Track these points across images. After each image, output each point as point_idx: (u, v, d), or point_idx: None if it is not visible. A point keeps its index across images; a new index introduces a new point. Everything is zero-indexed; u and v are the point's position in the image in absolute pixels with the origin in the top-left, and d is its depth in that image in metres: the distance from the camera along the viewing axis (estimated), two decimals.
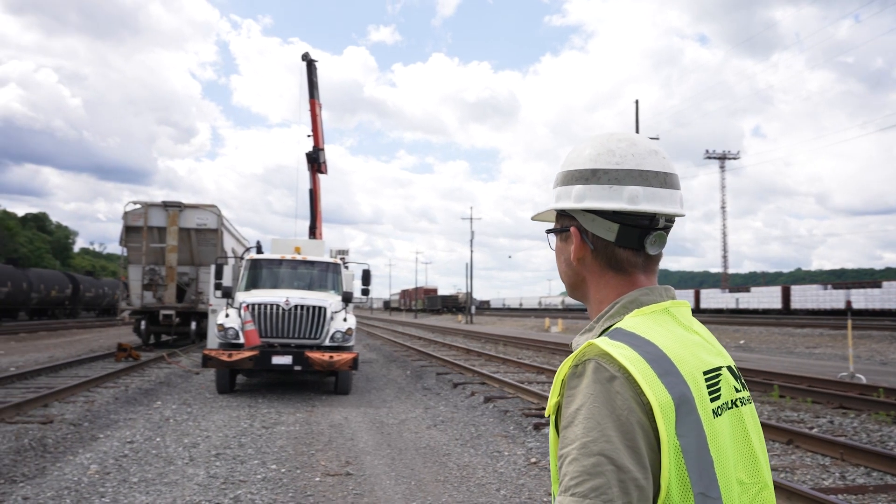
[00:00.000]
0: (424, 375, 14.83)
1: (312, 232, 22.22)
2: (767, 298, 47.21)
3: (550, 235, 1.25)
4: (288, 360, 10.87)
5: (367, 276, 13.75)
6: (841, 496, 5.53)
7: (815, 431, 8.05)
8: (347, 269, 14.88)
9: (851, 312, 36.07)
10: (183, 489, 5.74)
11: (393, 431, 8.53)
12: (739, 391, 1.11)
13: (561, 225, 1.21)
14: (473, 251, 66.33)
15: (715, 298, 52.90)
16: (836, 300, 41.01)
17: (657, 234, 1.13)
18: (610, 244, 1.14)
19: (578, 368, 1.00)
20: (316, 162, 22.12)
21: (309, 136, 22.11)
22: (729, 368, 1.12)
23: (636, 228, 1.13)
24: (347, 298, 12.44)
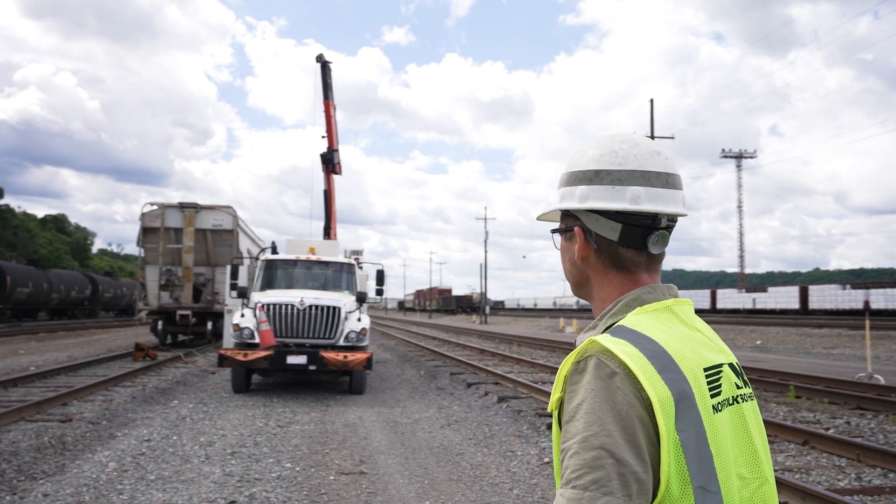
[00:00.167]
0: (438, 375, 14.86)
1: (327, 232, 22.33)
2: (785, 298, 46.77)
3: (555, 235, 1.28)
4: (303, 359, 10.94)
5: (381, 276, 13.82)
6: (856, 497, 5.49)
7: (831, 432, 7.99)
8: (361, 269, 14.95)
9: (870, 312, 35.63)
10: (199, 487, 5.81)
11: (406, 431, 8.57)
12: (741, 388, 1.13)
13: (565, 225, 1.24)
14: (488, 251, 66.39)
15: (731, 298, 52.48)
16: (854, 300, 40.55)
17: (659, 233, 1.15)
18: (613, 243, 1.16)
19: (580, 365, 1.03)
20: (330, 163, 22.22)
21: (323, 137, 22.23)
22: (731, 365, 1.14)
23: (639, 228, 1.15)
24: (361, 298, 12.50)
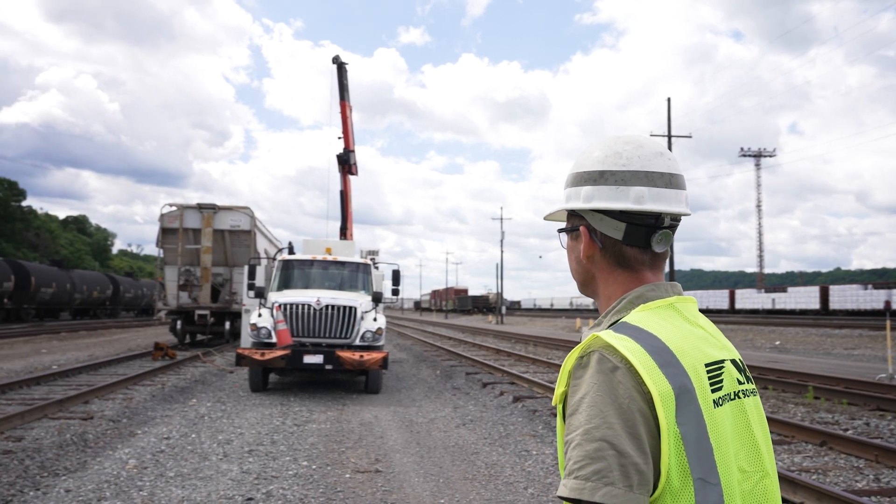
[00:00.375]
0: (454, 375, 14.89)
1: (343, 233, 22.43)
2: (805, 299, 46.28)
3: (562, 234, 1.31)
4: (319, 359, 11.03)
5: (396, 276, 13.88)
6: (874, 498, 5.44)
7: (849, 433, 7.91)
8: (377, 269, 15.02)
9: (892, 313, 35.14)
10: (217, 484, 5.89)
11: (422, 430, 8.61)
12: (743, 384, 1.15)
13: (571, 224, 1.27)
14: (504, 251, 66.28)
15: (750, 299, 52.00)
16: (876, 300, 40.02)
17: (663, 232, 1.18)
18: (617, 242, 1.19)
19: (583, 360, 1.06)
20: (346, 163, 22.32)
21: (339, 138, 22.33)
22: (733, 362, 1.16)
23: (643, 227, 1.17)
24: (377, 298, 12.56)
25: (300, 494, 5.64)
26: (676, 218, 1.20)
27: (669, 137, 32.51)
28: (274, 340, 11.23)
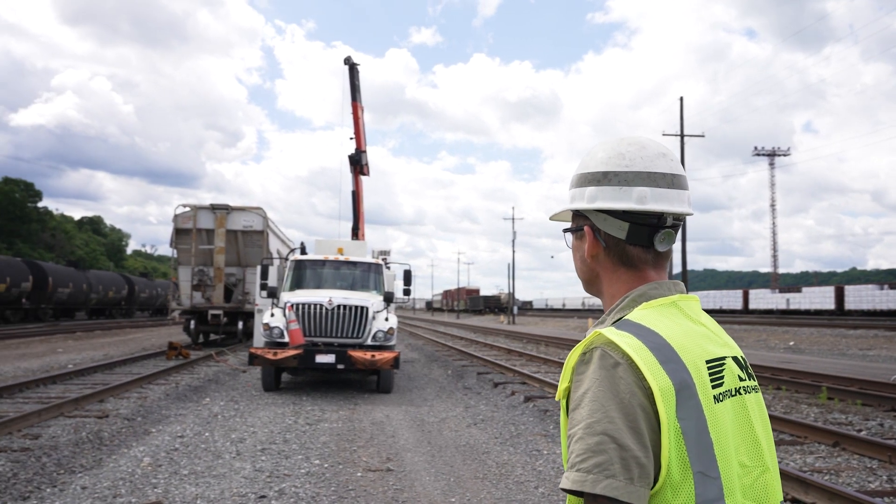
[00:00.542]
0: (465, 375, 14.92)
1: (355, 233, 22.51)
2: (819, 299, 45.89)
3: (567, 234, 1.33)
4: (331, 358, 11.09)
5: (408, 276, 13.92)
6: (887, 499, 5.41)
7: (863, 434, 7.86)
8: (389, 269, 15.07)
9: None
10: (230, 482, 5.95)
11: (433, 429, 8.64)
12: (744, 380, 1.17)
13: (576, 224, 1.29)
14: (515, 251, 66.22)
15: (764, 299, 51.64)
16: (893, 301, 39.60)
17: (666, 231, 1.20)
18: (621, 242, 1.22)
19: (586, 356, 1.09)
20: (358, 164, 22.40)
21: (351, 138, 22.41)
22: (735, 359, 1.18)
23: (645, 227, 1.20)
24: (389, 298, 12.61)
25: (312, 492, 5.68)
26: (679, 217, 1.22)
27: (682, 137, 32.34)
28: (286, 340, 11.30)
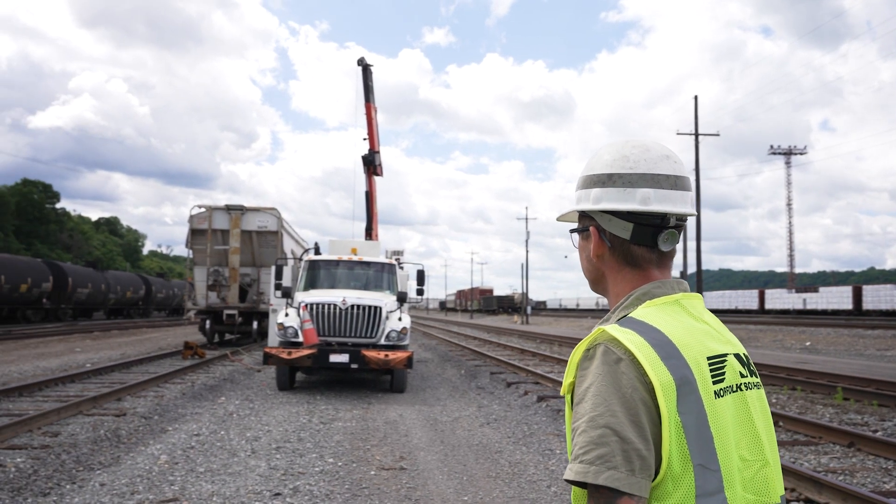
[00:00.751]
0: (478, 375, 14.95)
1: (368, 233, 22.61)
2: (837, 299, 45.46)
3: (574, 234, 1.37)
4: (345, 358, 11.16)
5: (421, 276, 13.97)
6: None
7: (878, 434, 7.81)
8: (402, 269, 15.13)
9: None
10: (246, 479, 6.02)
11: (446, 428, 8.68)
12: (746, 377, 1.20)
13: (582, 225, 1.33)
14: (529, 251, 66.09)
15: (780, 299, 51.22)
16: None
17: (669, 232, 1.24)
18: (626, 242, 1.25)
19: (590, 352, 1.12)
20: (372, 164, 22.50)
21: (365, 139, 22.51)
22: (737, 356, 1.21)
23: (649, 227, 1.23)
24: (402, 298, 12.67)
25: (326, 490, 5.74)
26: (682, 218, 1.26)
27: (696, 136, 32.15)
28: (300, 340, 11.39)
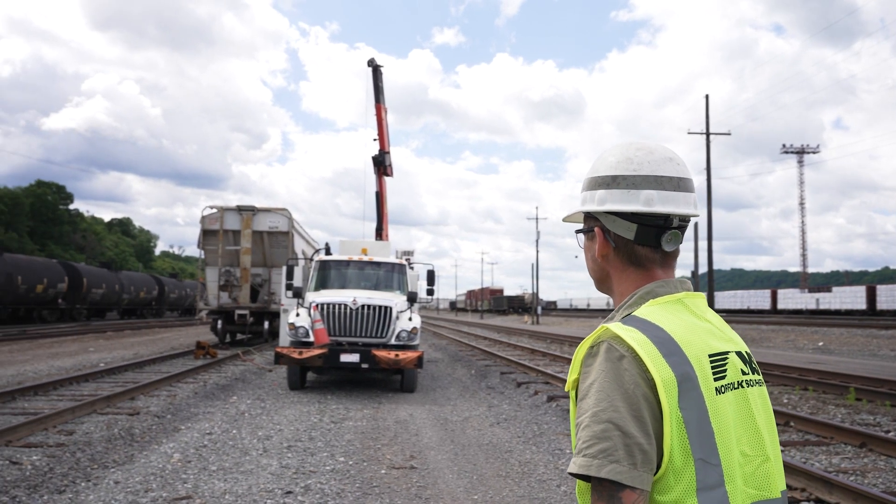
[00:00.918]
0: (489, 375, 14.97)
1: (379, 233, 22.68)
2: (851, 299, 45.08)
3: (579, 235, 1.40)
4: (355, 357, 11.21)
5: (431, 276, 14.00)
6: None
7: (891, 435, 7.76)
8: (413, 269, 15.18)
9: None
10: (258, 477, 6.08)
11: (456, 428, 8.71)
12: (747, 374, 1.22)
13: (587, 226, 1.36)
14: (539, 251, 66.03)
15: (793, 299, 50.87)
16: None
17: (672, 232, 1.26)
18: (630, 242, 1.28)
19: (594, 349, 1.15)
20: (382, 165, 22.57)
21: (375, 139, 22.59)
22: (738, 353, 1.23)
23: (653, 228, 1.26)
24: (412, 298, 12.71)
25: (337, 488, 5.79)
26: (685, 219, 1.28)
27: (708, 135, 32.02)
28: (311, 339, 11.45)
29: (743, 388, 1.20)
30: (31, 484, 5.67)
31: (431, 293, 14.00)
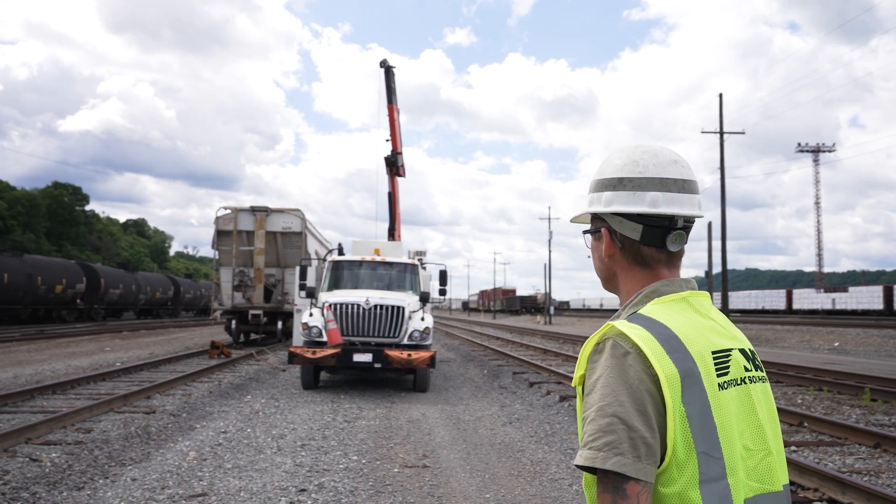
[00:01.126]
0: (501, 374, 14.99)
1: (391, 234, 22.75)
2: (867, 299, 44.64)
3: (587, 235, 1.44)
4: (368, 357, 11.27)
5: (443, 276, 14.04)
6: None
7: None
8: (425, 269, 15.22)
9: None
10: (272, 475, 6.15)
11: (469, 427, 8.75)
12: (750, 371, 1.26)
13: (594, 226, 1.40)
14: (552, 251, 65.88)
15: (808, 299, 50.45)
16: None
17: (677, 233, 1.30)
18: (636, 242, 1.32)
19: (600, 346, 1.19)
20: (394, 165, 22.63)
21: (387, 140, 22.66)
22: (742, 351, 1.27)
23: (658, 229, 1.30)
24: (425, 298, 12.75)
25: (350, 487, 5.84)
26: (689, 220, 1.32)
27: (721, 134, 31.80)
28: (324, 339, 11.52)
29: (746, 384, 1.23)
30: (50, 481, 5.78)
31: (444, 293, 14.03)
